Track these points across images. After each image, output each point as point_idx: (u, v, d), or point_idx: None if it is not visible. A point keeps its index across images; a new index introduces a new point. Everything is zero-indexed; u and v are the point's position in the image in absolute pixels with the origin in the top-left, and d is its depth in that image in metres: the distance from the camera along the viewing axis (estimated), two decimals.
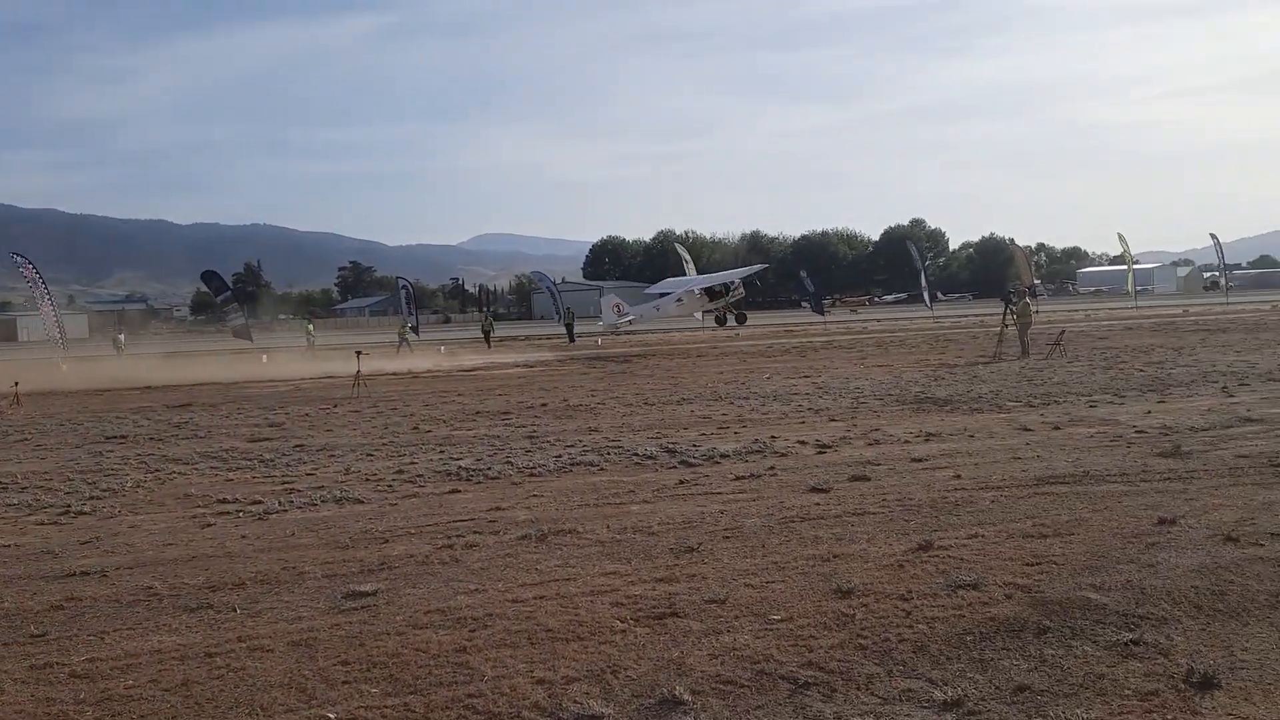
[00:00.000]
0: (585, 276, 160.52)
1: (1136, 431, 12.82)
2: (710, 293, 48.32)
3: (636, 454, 12.51)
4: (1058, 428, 13.59)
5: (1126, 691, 4.71)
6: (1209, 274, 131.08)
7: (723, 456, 12.14)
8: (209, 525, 9.37)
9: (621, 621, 5.93)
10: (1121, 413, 14.85)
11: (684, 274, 57.44)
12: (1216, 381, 18.69)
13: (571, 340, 49.91)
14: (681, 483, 10.56)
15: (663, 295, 51.11)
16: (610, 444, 13.56)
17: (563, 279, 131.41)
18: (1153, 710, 4.51)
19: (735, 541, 7.83)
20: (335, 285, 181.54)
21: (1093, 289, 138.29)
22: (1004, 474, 10.24)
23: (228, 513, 9.91)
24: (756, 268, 58.11)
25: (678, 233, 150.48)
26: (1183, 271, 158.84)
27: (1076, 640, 5.34)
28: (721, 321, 50.68)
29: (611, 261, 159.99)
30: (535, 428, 15.91)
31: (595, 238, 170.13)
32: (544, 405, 19.52)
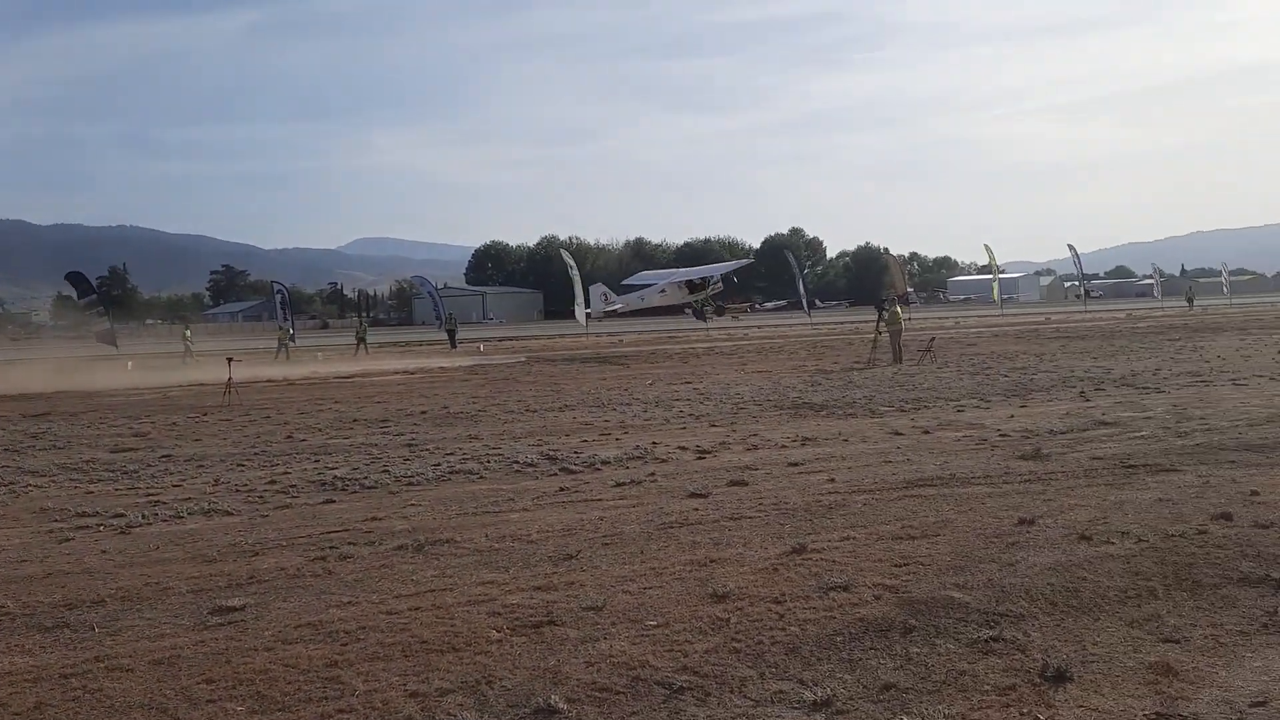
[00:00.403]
0: (468, 282, 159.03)
1: (1000, 435, 13.34)
2: (691, 285, 49.81)
3: (517, 461, 12.45)
4: (927, 432, 14.03)
5: (986, 687, 4.89)
6: (1069, 283, 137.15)
7: (603, 463, 12.17)
8: (67, 540, 8.95)
9: (498, 631, 5.89)
10: (987, 417, 15.43)
11: (570, 280, 57.73)
12: (1075, 386, 19.59)
13: (454, 346, 49.35)
14: (562, 490, 10.55)
15: (647, 286, 52.61)
16: (491, 451, 13.45)
17: (444, 284, 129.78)
18: (1010, 704, 4.70)
19: (614, 548, 7.86)
20: (207, 289, 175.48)
21: (962, 297, 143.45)
22: (876, 477, 10.53)
23: (88, 527, 9.48)
24: (741, 263, 59.05)
25: (562, 238, 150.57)
26: (1045, 281, 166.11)
27: (940, 638, 5.53)
28: (700, 315, 51.85)
29: (495, 267, 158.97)
30: (414, 436, 15.68)
31: (478, 243, 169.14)
32: (424, 413, 19.25)
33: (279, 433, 16.71)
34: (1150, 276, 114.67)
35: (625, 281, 58.91)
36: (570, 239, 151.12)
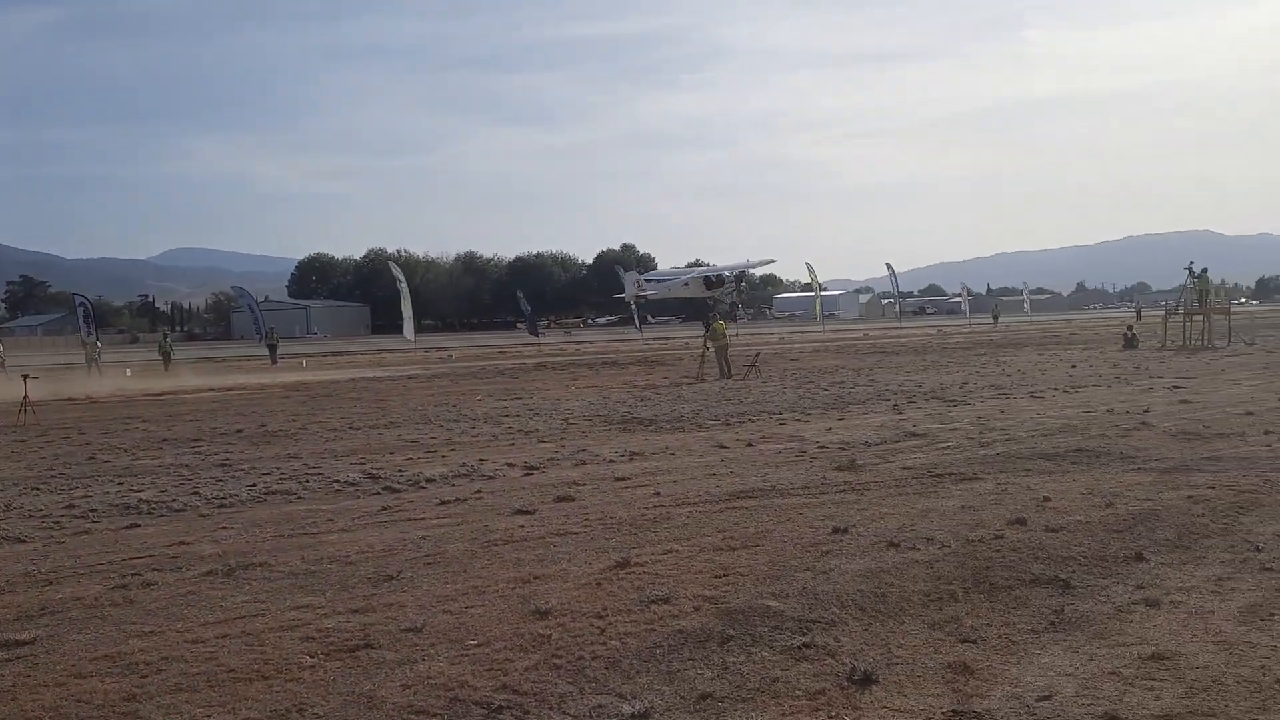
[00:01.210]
0: (291, 295, 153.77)
1: (819, 447, 13.81)
2: (708, 282, 57.02)
3: (338, 481, 12.09)
4: (751, 444, 14.40)
5: (797, 692, 5.05)
6: (886, 300, 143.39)
7: (428, 481, 11.95)
8: None
9: (311, 657, 5.69)
10: (807, 429, 15.95)
11: (400, 294, 57.06)
12: (889, 400, 20.48)
13: (274, 362, 47.60)
14: (384, 509, 10.30)
15: (672, 279, 61.56)
16: (310, 471, 13.02)
17: (266, 297, 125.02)
18: (819, 708, 4.86)
19: (436, 568, 7.72)
20: (2, 301, 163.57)
21: (787, 314, 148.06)
22: (700, 490, 10.72)
23: None
24: (742, 266, 63.90)
25: (390, 251, 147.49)
26: (864, 298, 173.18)
27: (756, 646, 5.67)
28: (730, 313, 57.50)
29: (320, 280, 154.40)
30: (229, 455, 15.02)
31: (302, 254, 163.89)
32: (239, 431, 18.48)
33: (80, 454, 15.72)
34: (959, 295, 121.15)
35: (646, 275, 66.31)
36: (399, 252, 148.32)
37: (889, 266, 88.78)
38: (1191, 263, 39.56)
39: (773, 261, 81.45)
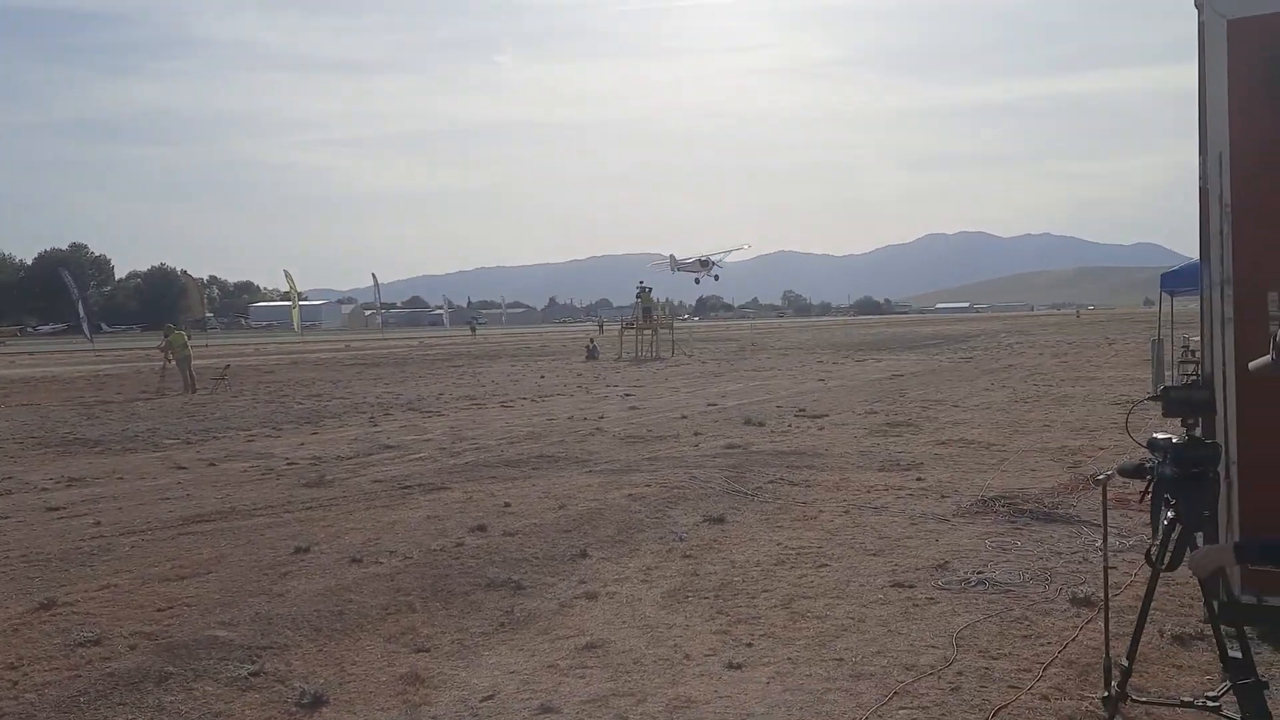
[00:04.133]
0: None
1: (288, 463, 13.33)
2: (702, 263, 62.22)
3: None
4: (213, 464, 13.53)
5: None
6: (369, 311, 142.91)
7: None
8: None
9: None
10: (277, 445, 15.34)
11: None
12: (365, 412, 20.36)
13: None
14: None
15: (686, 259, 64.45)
16: None
17: None
18: None
19: None
20: None
21: (265, 323, 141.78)
22: (150, 516, 9.85)
23: None
24: (739, 246, 69.62)
25: None
26: (347, 309, 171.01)
27: (199, 681, 5.29)
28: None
29: None
30: None
31: None
32: None
33: None
34: (441, 307, 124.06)
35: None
36: None
37: (373, 277, 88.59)
38: (641, 281, 44.16)
39: (746, 248, 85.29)
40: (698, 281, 69.88)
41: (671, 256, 71.40)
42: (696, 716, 4.73)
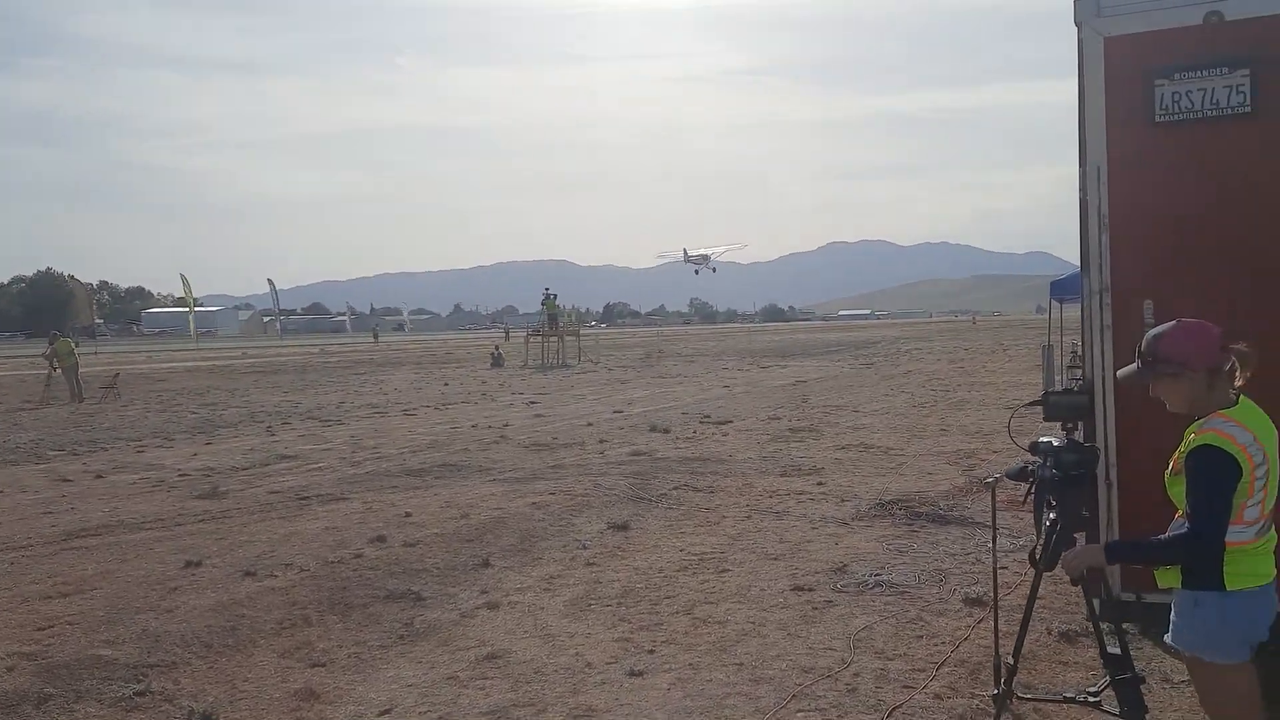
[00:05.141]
0: None
1: (180, 475, 12.93)
2: (703, 258, 71.18)
3: None
4: (101, 476, 13.05)
5: None
6: (267, 318, 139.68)
7: None
8: None
9: None
10: (169, 456, 14.87)
11: None
12: (263, 421, 19.87)
13: None
14: None
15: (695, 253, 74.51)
16: None
17: None
18: None
19: None
20: None
21: (158, 330, 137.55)
22: (31, 531, 9.46)
23: None
24: (739, 245, 75.62)
25: None
26: (244, 315, 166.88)
27: (81, 703, 5.10)
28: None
29: None
30: None
31: None
32: None
33: None
34: (344, 313, 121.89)
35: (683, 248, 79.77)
36: None
37: (270, 283, 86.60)
38: (547, 288, 44.00)
39: (745, 246, 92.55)
40: (697, 273, 78.89)
41: (684, 250, 79.50)
42: None
